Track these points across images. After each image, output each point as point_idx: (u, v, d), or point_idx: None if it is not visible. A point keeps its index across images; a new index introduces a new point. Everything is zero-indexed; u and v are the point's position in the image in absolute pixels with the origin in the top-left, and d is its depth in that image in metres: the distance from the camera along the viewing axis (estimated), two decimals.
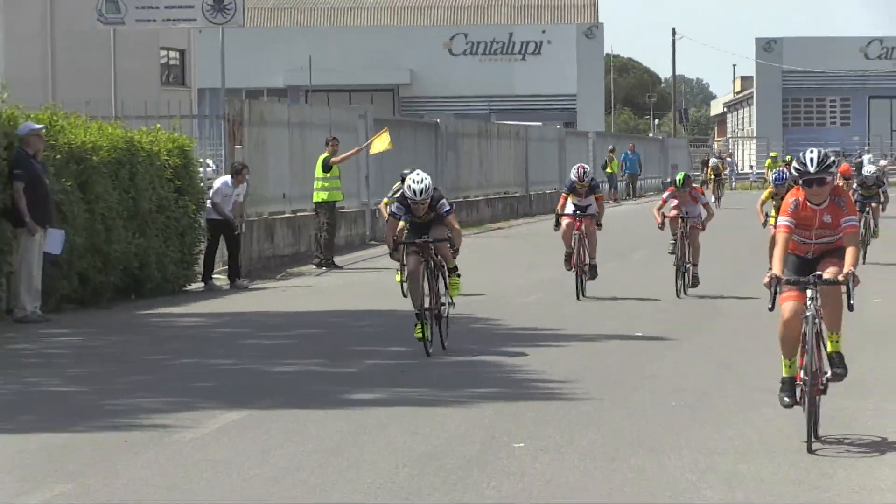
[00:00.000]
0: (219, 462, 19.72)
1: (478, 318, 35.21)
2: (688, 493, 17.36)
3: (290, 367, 29.15)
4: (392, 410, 23.81)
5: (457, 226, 29.11)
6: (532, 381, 26.79)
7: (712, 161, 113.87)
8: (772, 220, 38.45)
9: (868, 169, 52.61)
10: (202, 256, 45.97)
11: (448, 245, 28.18)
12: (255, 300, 33.63)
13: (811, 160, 18.06)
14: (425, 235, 28.38)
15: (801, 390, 18.99)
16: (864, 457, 20.24)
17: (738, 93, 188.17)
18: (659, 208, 38.86)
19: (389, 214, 29.49)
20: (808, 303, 18.36)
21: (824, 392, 18.97)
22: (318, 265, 51.96)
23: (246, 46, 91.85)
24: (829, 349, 19.43)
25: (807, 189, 18.36)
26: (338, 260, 52.70)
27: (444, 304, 29.16)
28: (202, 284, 45.61)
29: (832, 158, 17.98)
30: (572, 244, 37.96)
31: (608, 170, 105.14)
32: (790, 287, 18.82)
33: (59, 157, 38.15)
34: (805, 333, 18.39)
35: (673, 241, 38.12)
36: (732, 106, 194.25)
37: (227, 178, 46.10)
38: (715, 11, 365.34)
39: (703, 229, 38.53)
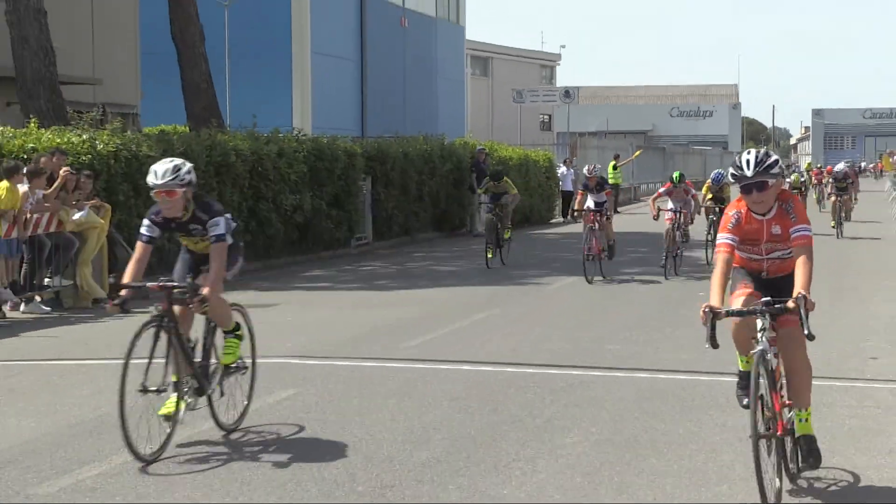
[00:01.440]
0: (565, 298, 20.01)
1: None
2: None
3: None
4: (648, 283, 23.02)
5: (221, 264, 9.53)
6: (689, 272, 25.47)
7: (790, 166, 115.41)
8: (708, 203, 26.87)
9: (839, 166, 39.03)
10: (557, 207, 46.72)
11: (199, 299, 9.31)
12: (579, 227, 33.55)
13: (747, 162, 8.26)
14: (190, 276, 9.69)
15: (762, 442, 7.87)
16: None
17: (803, 134, 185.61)
18: (654, 199, 25.23)
19: (137, 237, 9.72)
20: (759, 335, 8.08)
21: (790, 433, 8.27)
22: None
23: (578, 112, 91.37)
24: (797, 431, 8.39)
25: (746, 196, 8.35)
26: (620, 209, 52.81)
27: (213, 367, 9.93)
28: (557, 219, 45.89)
29: (774, 157, 8.36)
30: (587, 235, 23.26)
31: None
32: (744, 283, 8.55)
33: (494, 162, 38.63)
34: (752, 376, 7.86)
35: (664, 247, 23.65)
36: (800, 140, 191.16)
37: (564, 167, 46.88)
38: (795, 95, 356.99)
39: (692, 221, 25.75)
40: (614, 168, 53.08)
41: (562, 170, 46.83)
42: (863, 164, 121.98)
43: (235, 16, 45.48)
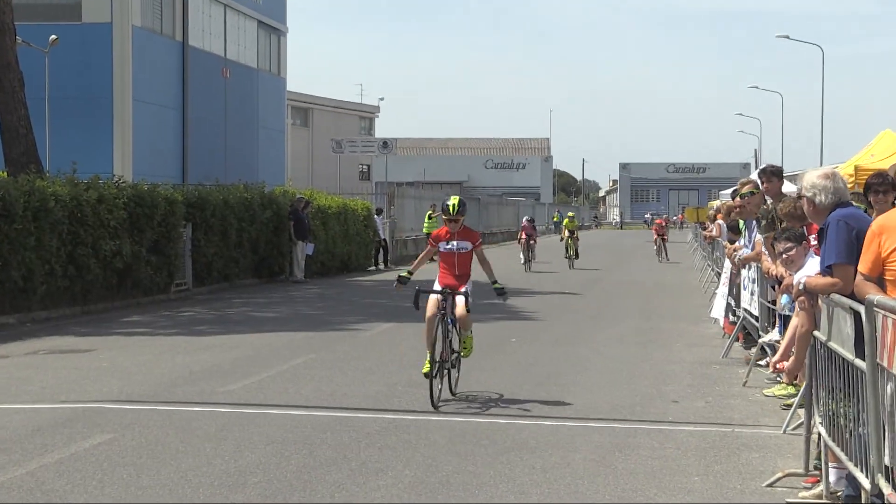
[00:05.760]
0: (382, 343, 19.86)
1: None
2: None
3: (409, 304, 29.26)
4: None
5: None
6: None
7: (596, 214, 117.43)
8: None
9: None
10: (373, 254, 46.76)
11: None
12: (397, 274, 33.70)
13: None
14: None
15: None
16: None
17: (611, 186, 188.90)
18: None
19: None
20: None
21: None
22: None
23: (397, 162, 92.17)
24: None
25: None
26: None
27: None
28: (373, 267, 46.01)
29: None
30: None
31: (555, 219, 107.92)
32: None
33: (314, 210, 38.71)
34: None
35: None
36: (608, 192, 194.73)
37: (379, 218, 47.02)
38: (604, 150, 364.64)
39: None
40: (429, 218, 53.63)
41: (380, 220, 46.98)
42: (667, 216, 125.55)
43: (56, 62, 44.63)
